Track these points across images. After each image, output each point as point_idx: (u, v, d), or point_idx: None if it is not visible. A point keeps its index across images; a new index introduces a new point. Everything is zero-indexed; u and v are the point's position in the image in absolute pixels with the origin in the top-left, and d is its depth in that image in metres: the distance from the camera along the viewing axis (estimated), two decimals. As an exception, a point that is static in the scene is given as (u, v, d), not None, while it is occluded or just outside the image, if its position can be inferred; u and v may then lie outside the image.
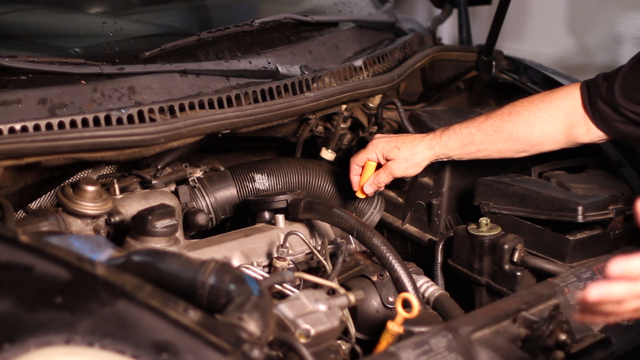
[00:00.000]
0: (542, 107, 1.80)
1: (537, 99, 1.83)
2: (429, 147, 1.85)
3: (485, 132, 1.82)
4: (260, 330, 1.18)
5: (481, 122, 1.84)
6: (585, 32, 5.47)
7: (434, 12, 3.14)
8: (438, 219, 2.00)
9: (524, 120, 1.81)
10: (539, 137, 1.81)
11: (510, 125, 1.81)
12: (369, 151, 1.87)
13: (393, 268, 1.60)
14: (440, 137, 1.85)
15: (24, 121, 1.52)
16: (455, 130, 1.84)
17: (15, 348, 1.06)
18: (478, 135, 1.83)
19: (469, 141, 1.83)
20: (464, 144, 1.83)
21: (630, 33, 5.33)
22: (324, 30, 2.16)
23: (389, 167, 1.86)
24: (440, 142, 1.85)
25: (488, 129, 1.82)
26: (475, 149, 1.84)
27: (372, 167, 1.89)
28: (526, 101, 1.84)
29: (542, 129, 1.80)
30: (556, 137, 1.82)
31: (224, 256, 1.71)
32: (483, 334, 1.37)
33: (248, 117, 1.76)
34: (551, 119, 1.80)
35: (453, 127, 1.85)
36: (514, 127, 1.81)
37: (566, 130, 1.80)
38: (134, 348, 1.09)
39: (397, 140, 1.87)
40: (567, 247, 1.71)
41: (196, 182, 1.89)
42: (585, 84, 1.79)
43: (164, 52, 1.83)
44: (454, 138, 1.84)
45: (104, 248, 1.35)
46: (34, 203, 1.75)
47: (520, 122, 1.81)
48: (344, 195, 2.00)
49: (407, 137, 1.88)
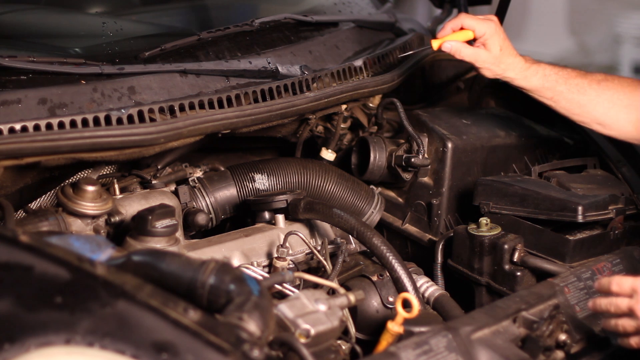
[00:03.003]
0: (627, 92, 1.81)
1: (626, 83, 1.84)
2: (515, 69, 1.84)
3: (569, 87, 1.83)
4: (260, 330, 1.18)
5: (571, 77, 1.84)
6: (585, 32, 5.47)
7: (434, 12, 3.14)
8: (438, 219, 2.00)
9: (608, 97, 1.82)
10: (612, 119, 1.83)
11: (595, 94, 1.82)
12: (483, 26, 1.83)
13: (393, 268, 1.60)
14: (529, 68, 1.84)
15: (24, 121, 1.52)
16: (545, 71, 1.84)
17: (15, 348, 1.06)
18: (562, 86, 1.83)
19: (551, 87, 1.84)
20: (545, 86, 1.84)
21: (630, 33, 5.33)
22: (324, 30, 2.16)
23: (479, 53, 1.83)
24: (526, 72, 1.84)
25: (573, 87, 1.83)
26: (550, 96, 1.85)
27: (468, 37, 1.85)
28: (617, 80, 1.84)
29: (617, 113, 1.82)
30: (625, 127, 1.83)
31: (224, 256, 1.71)
32: (483, 334, 1.37)
33: (248, 117, 1.76)
34: (630, 107, 1.81)
35: (543, 65, 1.86)
36: (596, 97, 1.82)
37: (637, 123, 1.81)
38: (134, 348, 1.09)
39: (505, 41, 1.84)
40: (567, 247, 1.71)
41: (196, 182, 1.89)
42: None
43: (164, 52, 1.83)
44: (540, 77, 1.84)
45: (104, 248, 1.35)
46: (34, 203, 1.75)
47: (603, 96, 1.82)
48: (344, 195, 2.00)
49: (509, 44, 1.86)
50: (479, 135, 2.06)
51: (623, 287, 1.38)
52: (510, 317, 1.43)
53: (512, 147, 2.10)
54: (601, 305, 1.41)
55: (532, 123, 2.19)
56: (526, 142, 2.12)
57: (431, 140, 2.01)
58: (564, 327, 1.45)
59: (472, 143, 2.03)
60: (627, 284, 1.37)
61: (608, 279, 1.40)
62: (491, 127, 2.11)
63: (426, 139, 2.01)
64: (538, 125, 2.19)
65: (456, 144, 1.99)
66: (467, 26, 1.85)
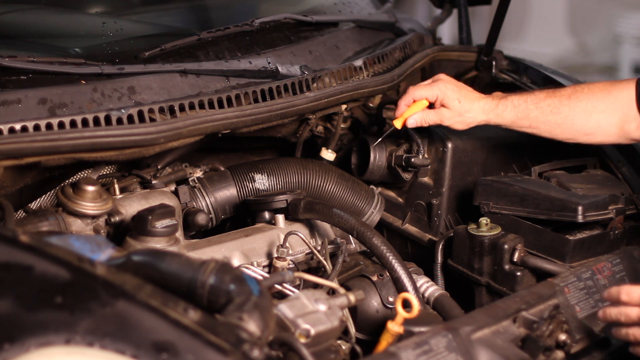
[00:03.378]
0: (600, 97, 1.81)
1: (597, 88, 1.83)
2: (483, 112, 1.86)
3: (541, 111, 1.83)
4: (260, 330, 1.18)
5: (540, 100, 1.84)
6: (585, 32, 5.47)
7: (434, 12, 3.14)
8: (438, 219, 2.00)
9: (582, 108, 1.81)
10: (593, 127, 1.82)
11: (568, 109, 1.82)
12: (433, 90, 1.86)
13: (393, 268, 1.60)
14: (497, 105, 1.85)
15: (24, 121, 1.52)
16: (513, 102, 1.85)
17: (15, 348, 1.06)
18: (534, 112, 1.84)
19: (524, 116, 1.84)
20: (519, 117, 1.85)
21: (630, 33, 5.33)
22: (324, 30, 2.16)
23: (442, 113, 1.86)
24: (495, 110, 1.85)
25: (545, 109, 1.83)
26: (527, 124, 1.86)
27: (424, 105, 1.89)
28: (587, 88, 1.84)
29: (597, 120, 1.81)
30: (609, 130, 1.81)
31: (224, 256, 1.71)
32: (483, 334, 1.37)
33: (248, 117, 1.76)
34: (607, 111, 1.80)
35: (511, 97, 1.86)
36: (570, 112, 1.82)
37: (619, 124, 1.80)
38: (134, 348, 1.09)
39: (461, 92, 1.87)
40: (567, 247, 1.71)
41: (196, 182, 1.89)
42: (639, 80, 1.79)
43: (164, 52, 1.83)
44: (510, 110, 1.84)
45: (104, 248, 1.35)
46: (34, 203, 1.75)
47: (577, 109, 1.81)
48: (344, 195, 2.00)
49: (469, 92, 1.88)
50: (479, 135, 2.06)
51: (633, 296, 1.37)
52: (510, 317, 1.43)
53: (512, 147, 2.10)
54: (611, 315, 1.41)
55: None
56: (526, 142, 2.12)
57: (431, 140, 2.01)
58: (564, 327, 1.45)
59: (472, 143, 2.03)
60: (637, 293, 1.37)
61: (617, 288, 1.39)
62: (491, 127, 2.11)
63: (426, 139, 2.01)
64: (538, 125, 2.19)
65: (456, 144, 1.99)
66: (418, 97, 1.89)
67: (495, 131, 2.09)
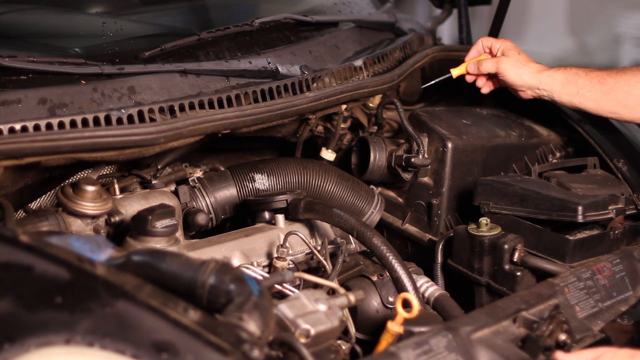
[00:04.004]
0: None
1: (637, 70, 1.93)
2: (537, 71, 2.00)
3: (589, 79, 1.95)
4: (260, 330, 1.18)
5: (589, 71, 1.97)
6: (585, 32, 5.47)
7: (434, 12, 3.15)
8: (438, 219, 2.00)
9: (626, 81, 1.92)
10: (634, 102, 1.91)
11: (613, 81, 1.93)
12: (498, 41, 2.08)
13: (393, 268, 1.60)
14: (550, 69, 2.01)
15: (24, 121, 1.52)
16: (565, 69, 1.99)
17: (15, 348, 1.06)
18: (583, 79, 1.95)
19: (573, 80, 1.96)
20: (568, 81, 1.96)
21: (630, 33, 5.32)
22: (324, 30, 2.16)
23: (500, 60, 2.04)
24: (548, 71, 2.00)
25: (593, 78, 1.95)
26: (575, 91, 1.96)
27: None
28: (636, 68, 1.94)
29: (638, 94, 1.90)
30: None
31: (224, 256, 1.71)
32: (483, 334, 1.37)
33: (248, 117, 1.76)
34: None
35: (562, 67, 2.00)
36: (615, 84, 1.92)
37: None
38: (134, 348, 1.09)
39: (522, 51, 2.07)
40: (567, 247, 1.71)
41: (196, 182, 1.89)
42: None
43: (164, 52, 1.83)
44: (561, 72, 1.98)
45: (104, 248, 1.35)
46: (34, 203, 1.75)
47: (622, 81, 1.92)
48: (344, 195, 2.00)
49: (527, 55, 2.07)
50: (479, 135, 2.06)
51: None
52: (510, 317, 1.43)
53: (512, 147, 2.10)
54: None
55: (532, 123, 2.19)
56: (526, 142, 2.12)
57: (431, 140, 2.01)
58: (564, 327, 1.44)
59: (472, 143, 2.03)
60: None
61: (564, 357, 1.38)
62: (491, 127, 2.11)
63: (426, 139, 2.01)
64: (538, 125, 2.19)
65: (456, 144, 1.99)
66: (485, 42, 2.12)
67: (495, 131, 2.09)
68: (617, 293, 1.65)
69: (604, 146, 2.04)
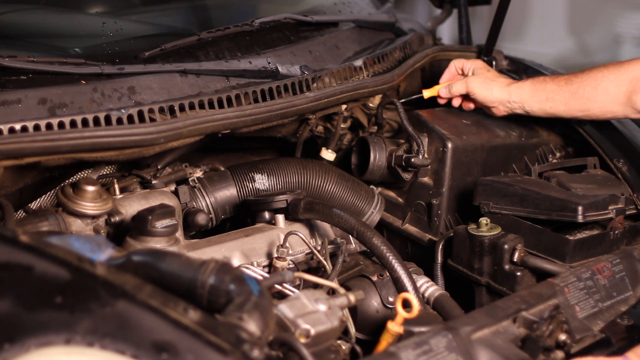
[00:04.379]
0: (611, 69, 1.94)
1: (610, 64, 1.98)
2: (506, 85, 2.05)
3: (556, 83, 1.99)
4: (260, 330, 1.18)
5: (555, 76, 2.04)
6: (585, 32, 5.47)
7: (434, 12, 3.14)
8: (438, 219, 2.00)
9: (592, 77, 1.95)
10: (602, 95, 1.93)
11: (579, 80, 1.96)
12: (469, 61, 2.16)
13: (393, 268, 1.60)
14: (517, 82, 2.06)
15: (24, 121, 1.52)
16: (533, 78, 2.05)
17: (15, 348, 1.06)
18: (550, 84, 2.00)
19: (541, 87, 2.00)
20: (536, 88, 2.00)
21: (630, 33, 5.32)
22: (324, 30, 2.16)
23: (469, 80, 2.09)
24: (517, 84, 2.05)
25: (560, 81, 1.99)
26: (544, 97, 2.00)
27: None
28: (601, 66, 1.98)
29: (605, 87, 1.92)
30: (617, 98, 1.92)
31: (224, 256, 1.71)
32: (483, 334, 1.37)
33: (248, 117, 1.76)
34: (617, 80, 1.91)
35: (530, 78, 2.07)
36: (581, 82, 1.96)
37: (627, 94, 1.90)
38: (134, 348, 1.09)
39: (490, 69, 2.15)
40: (567, 247, 1.71)
41: (196, 182, 1.89)
42: None
43: (164, 52, 1.83)
44: (528, 83, 2.03)
45: (104, 248, 1.35)
46: (34, 203, 1.75)
47: (588, 78, 1.96)
48: (344, 196, 2.00)
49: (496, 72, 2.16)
50: (479, 135, 2.06)
51: None
52: (510, 317, 1.43)
53: (512, 147, 2.10)
54: None
55: (532, 123, 2.19)
56: (526, 142, 2.12)
57: (431, 140, 2.02)
58: (564, 327, 1.44)
59: (472, 143, 2.03)
60: None
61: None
62: (491, 127, 2.11)
63: (426, 139, 2.02)
64: (538, 125, 2.19)
65: (456, 144, 1.99)
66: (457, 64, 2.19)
67: (495, 131, 2.09)
68: (617, 293, 1.65)
69: (604, 146, 2.04)
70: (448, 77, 2.20)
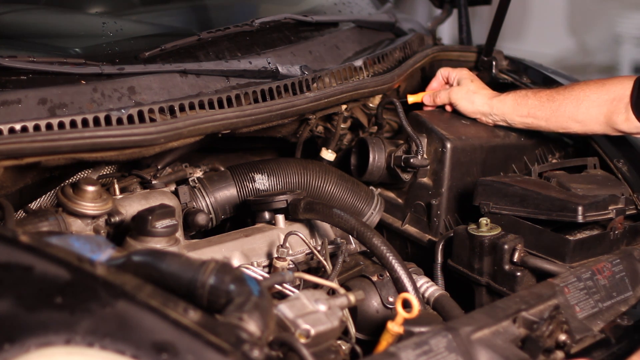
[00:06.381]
0: (593, 89, 1.94)
1: (592, 83, 1.97)
2: (489, 97, 2.06)
3: (538, 98, 1.99)
4: (260, 331, 1.18)
5: (537, 91, 2.03)
6: (585, 32, 5.47)
7: (434, 12, 3.14)
8: (438, 220, 2.00)
9: (574, 95, 1.95)
10: (583, 114, 1.94)
11: (562, 97, 1.96)
12: (455, 70, 2.15)
13: (393, 268, 1.60)
14: (499, 95, 2.06)
15: (24, 121, 1.52)
16: (515, 92, 2.05)
17: (15, 348, 1.06)
18: (532, 99, 2.00)
19: (523, 102, 2.00)
20: (518, 103, 2.01)
21: (630, 33, 5.33)
22: (324, 30, 2.16)
23: (453, 91, 2.09)
24: (499, 97, 2.05)
25: (542, 97, 1.99)
26: (526, 112, 2.00)
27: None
28: (583, 83, 2.00)
29: (587, 107, 1.93)
30: (598, 118, 1.92)
31: (224, 256, 1.71)
32: (483, 334, 1.37)
33: (248, 117, 1.76)
34: (598, 100, 1.92)
35: (513, 91, 2.06)
36: (564, 100, 1.95)
37: (607, 114, 1.90)
38: (134, 348, 1.09)
39: (476, 78, 2.14)
40: (567, 247, 1.71)
41: (196, 182, 1.89)
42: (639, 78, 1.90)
43: (164, 52, 1.83)
44: (510, 96, 2.03)
45: (104, 248, 1.35)
46: (34, 203, 1.75)
47: (570, 97, 1.95)
48: (344, 196, 2.00)
49: (481, 82, 2.14)
50: (478, 135, 2.06)
51: None
52: (510, 317, 1.43)
53: (512, 147, 2.10)
54: None
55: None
56: (526, 142, 2.12)
57: (430, 141, 2.01)
58: (564, 327, 1.44)
59: (471, 143, 2.03)
60: None
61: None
62: (490, 127, 2.11)
63: (425, 140, 2.01)
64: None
65: (455, 144, 1.99)
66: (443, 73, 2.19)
67: (494, 131, 2.09)
68: (617, 293, 1.65)
69: (604, 146, 2.04)
70: (435, 86, 2.20)
